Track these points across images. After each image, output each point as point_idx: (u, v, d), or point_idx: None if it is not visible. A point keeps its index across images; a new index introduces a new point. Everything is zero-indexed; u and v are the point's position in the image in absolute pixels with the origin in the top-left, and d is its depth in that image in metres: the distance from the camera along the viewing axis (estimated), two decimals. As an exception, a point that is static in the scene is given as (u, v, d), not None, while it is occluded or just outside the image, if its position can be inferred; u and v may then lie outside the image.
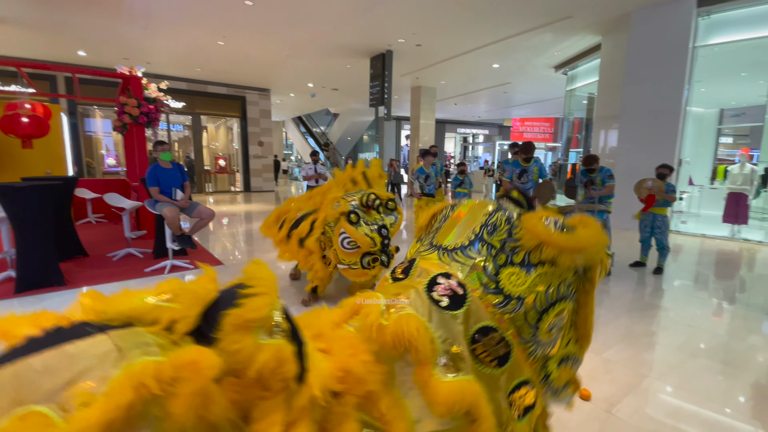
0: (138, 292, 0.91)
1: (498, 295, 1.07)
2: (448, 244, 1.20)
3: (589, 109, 10.00)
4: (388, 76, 9.11)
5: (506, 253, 1.12)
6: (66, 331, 0.75)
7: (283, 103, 17.30)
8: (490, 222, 1.17)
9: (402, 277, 1.17)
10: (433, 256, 1.20)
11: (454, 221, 1.27)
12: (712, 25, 6.24)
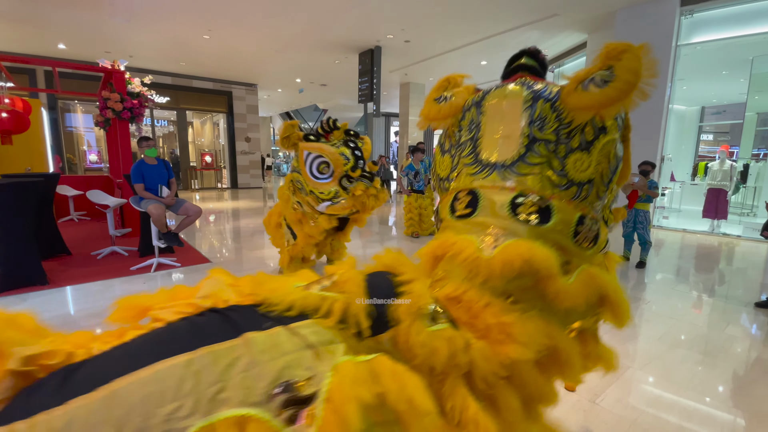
0: (286, 278, 0.90)
1: (571, 187, 1.03)
2: (502, 159, 1.07)
3: (576, 106, 10.14)
4: (376, 72, 9.08)
5: (563, 142, 1.03)
6: (238, 319, 0.72)
7: (271, 98, 17.10)
8: (535, 117, 1.05)
9: (470, 212, 1.06)
10: (493, 177, 1.07)
11: (491, 127, 1.11)
12: (694, 24, 6.38)
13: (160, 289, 0.88)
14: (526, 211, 1.00)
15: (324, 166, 2.56)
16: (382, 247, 5.50)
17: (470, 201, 1.07)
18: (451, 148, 1.24)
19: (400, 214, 8.64)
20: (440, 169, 1.27)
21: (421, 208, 6.16)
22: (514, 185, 1.04)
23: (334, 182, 2.61)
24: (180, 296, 0.82)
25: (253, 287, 0.82)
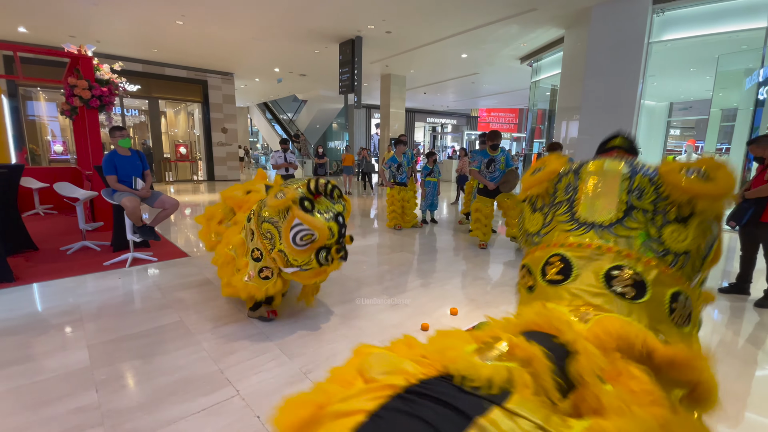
0: (456, 340, 0.76)
1: (668, 255, 1.07)
2: (600, 220, 1.13)
3: (552, 100, 10.35)
4: (357, 62, 8.98)
5: (660, 213, 1.11)
6: (452, 400, 0.60)
7: (248, 88, 16.67)
8: (634, 187, 1.14)
9: (562, 278, 1.07)
10: (590, 234, 1.12)
11: (588, 191, 1.19)
12: (665, 21, 6.60)
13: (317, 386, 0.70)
14: (621, 284, 1.01)
15: (309, 237, 2.40)
16: (364, 240, 5.51)
17: (562, 268, 1.08)
18: (543, 207, 1.31)
19: (382, 206, 8.66)
20: (530, 225, 1.34)
21: (404, 200, 6.18)
22: (611, 245, 1.08)
23: (310, 252, 2.45)
24: (342, 380, 0.67)
25: (421, 352, 0.71)
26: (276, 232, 2.47)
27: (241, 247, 2.77)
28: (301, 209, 2.39)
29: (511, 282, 3.86)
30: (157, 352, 2.39)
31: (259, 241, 2.56)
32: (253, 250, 2.60)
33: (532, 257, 1.24)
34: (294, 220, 2.38)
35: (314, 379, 2.14)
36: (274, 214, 2.47)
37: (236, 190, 3.18)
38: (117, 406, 1.89)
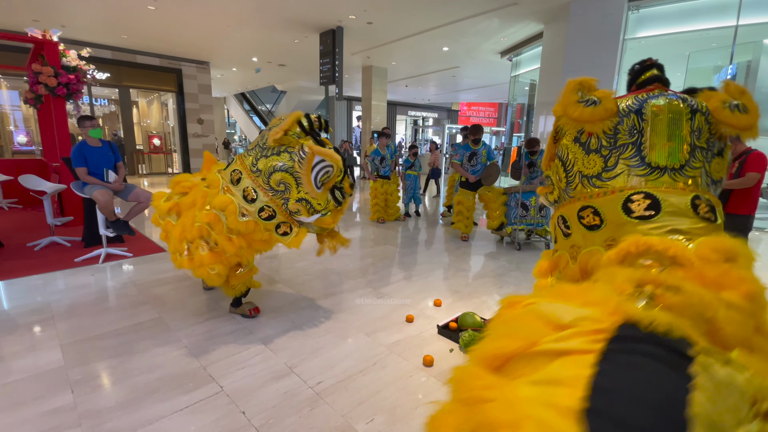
0: (608, 289, 0.79)
1: (712, 185, 1.29)
2: (671, 163, 1.25)
3: (531, 95, 10.52)
4: (339, 53, 8.85)
5: (710, 149, 1.27)
6: (659, 346, 0.62)
7: (225, 77, 16.20)
8: (695, 127, 1.26)
9: (653, 213, 1.18)
10: (665, 178, 1.24)
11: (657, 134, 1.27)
12: (640, 19, 6.78)
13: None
14: (703, 211, 1.18)
15: (326, 175, 2.29)
16: (347, 233, 5.48)
17: (650, 204, 1.19)
18: (602, 148, 1.32)
19: (364, 199, 8.63)
20: (586, 167, 1.35)
21: (387, 193, 6.18)
22: (685, 186, 1.23)
23: (326, 192, 2.36)
24: (525, 324, 0.70)
25: (582, 301, 0.75)
26: (292, 180, 2.25)
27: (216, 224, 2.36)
28: (315, 143, 2.25)
29: (491, 273, 3.94)
30: (135, 350, 2.32)
31: (267, 198, 2.29)
32: (261, 210, 2.31)
33: (602, 199, 1.28)
34: (314, 158, 2.22)
35: (300, 374, 2.13)
36: (286, 159, 2.24)
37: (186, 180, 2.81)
38: (94, 406, 1.83)
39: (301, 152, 2.23)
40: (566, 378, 0.62)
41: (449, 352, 2.39)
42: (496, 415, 0.60)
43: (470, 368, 0.73)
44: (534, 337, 0.70)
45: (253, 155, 2.37)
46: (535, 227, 4.85)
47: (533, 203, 4.75)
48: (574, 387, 0.60)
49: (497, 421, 0.59)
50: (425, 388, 2.04)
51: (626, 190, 1.25)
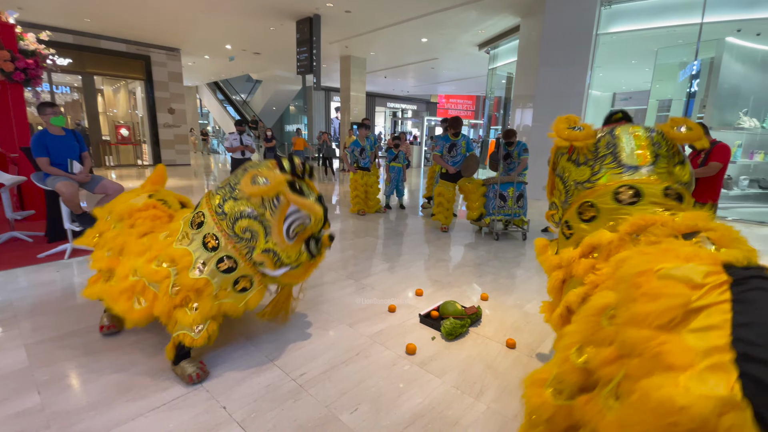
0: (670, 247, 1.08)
1: (683, 186, 1.70)
2: (643, 163, 1.68)
3: (508, 88, 10.67)
4: (316, 42, 8.68)
5: (671, 158, 1.71)
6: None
7: (197, 65, 15.62)
8: (654, 141, 1.72)
9: (638, 199, 1.57)
10: (639, 173, 1.65)
11: (628, 146, 1.73)
12: (612, 14, 6.97)
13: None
14: (672, 196, 1.57)
15: (301, 226, 2.01)
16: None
17: (634, 193, 1.58)
18: (587, 161, 1.79)
19: (344, 191, 8.57)
20: (578, 176, 1.81)
21: (367, 185, 6.14)
22: (656, 178, 1.63)
23: (299, 244, 2.06)
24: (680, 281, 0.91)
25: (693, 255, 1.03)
26: (260, 228, 1.96)
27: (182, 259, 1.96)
28: (294, 191, 1.96)
29: (471, 263, 4.00)
30: (106, 349, 2.23)
31: (230, 246, 1.96)
32: (220, 260, 1.95)
33: (595, 194, 1.69)
34: (289, 207, 1.95)
35: (282, 366, 2.10)
36: (257, 206, 1.95)
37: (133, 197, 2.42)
38: (64, 407, 1.75)
39: (274, 200, 1.93)
40: (715, 323, 0.81)
41: (431, 340, 2.42)
42: (675, 360, 0.78)
43: (641, 332, 0.87)
44: (682, 299, 0.88)
45: (221, 195, 2.03)
46: (513, 217, 4.95)
47: (511, 194, 4.84)
48: (722, 329, 0.79)
49: (677, 365, 0.77)
50: (408, 376, 2.06)
51: (613, 184, 1.64)
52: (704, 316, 0.83)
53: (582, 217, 1.70)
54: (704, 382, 0.72)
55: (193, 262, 1.94)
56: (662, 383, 0.75)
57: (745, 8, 6.03)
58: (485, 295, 3.10)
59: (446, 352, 2.31)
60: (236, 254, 1.97)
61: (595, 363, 0.97)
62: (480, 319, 2.72)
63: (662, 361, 0.79)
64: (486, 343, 2.42)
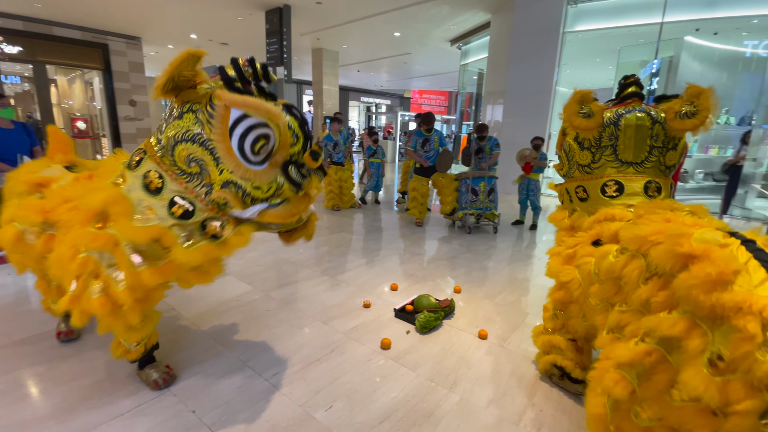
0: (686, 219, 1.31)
1: (666, 170, 1.86)
2: (635, 160, 1.82)
3: (480, 84, 10.83)
4: (286, 33, 8.47)
5: (666, 146, 1.81)
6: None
7: (160, 55, 14.92)
8: (654, 134, 1.79)
9: (619, 194, 1.80)
10: (630, 170, 1.83)
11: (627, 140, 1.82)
12: (578, 13, 7.18)
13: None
14: (651, 190, 1.78)
15: (263, 141, 1.46)
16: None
17: (617, 188, 1.81)
18: (591, 146, 1.90)
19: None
20: (580, 158, 1.93)
21: (342, 180, 6.08)
22: (641, 174, 1.80)
23: (273, 170, 1.55)
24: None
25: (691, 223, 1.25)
26: (207, 154, 1.46)
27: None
28: (230, 90, 1.45)
29: (445, 256, 4.05)
30: (65, 355, 2.11)
31: (178, 185, 1.52)
32: (172, 203, 1.52)
33: (589, 182, 1.91)
34: (231, 115, 1.41)
35: (254, 367, 2.06)
36: (191, 122, 1.45)
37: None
38: (20, 417, 1.64)
39: (208, 107, 1.43)
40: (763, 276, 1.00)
41: (406, 334, 2.44)
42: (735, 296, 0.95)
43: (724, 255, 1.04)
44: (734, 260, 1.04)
45: (159, 127, 1.60)
46: (484, 211, 5.05)
47: (482, 188, 4.93)
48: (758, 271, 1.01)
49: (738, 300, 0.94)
50: (384, 371, 2.07)
51: (604, 177, 1.85)
52: (751, 271, 1.02)
53: (578, 196, 1.96)
54: None
55: (132, 207, 1.50)
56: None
57: (703, 8, 6.32)
58: (458, 288, 3.16)
59: (421, 345, 2.34)
60: (189, 195, 1.52)
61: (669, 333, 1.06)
62: (453, 312, 2.76)
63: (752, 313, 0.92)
64: (459, 335, 2.47)
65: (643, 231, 1.26)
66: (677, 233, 1.15)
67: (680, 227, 1.19)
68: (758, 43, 6.97)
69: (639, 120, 1.78)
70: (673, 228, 1.20)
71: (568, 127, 1.94)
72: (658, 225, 1.26)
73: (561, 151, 2.08)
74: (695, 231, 1.14)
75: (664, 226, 1.24)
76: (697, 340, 1.00)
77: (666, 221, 1.30)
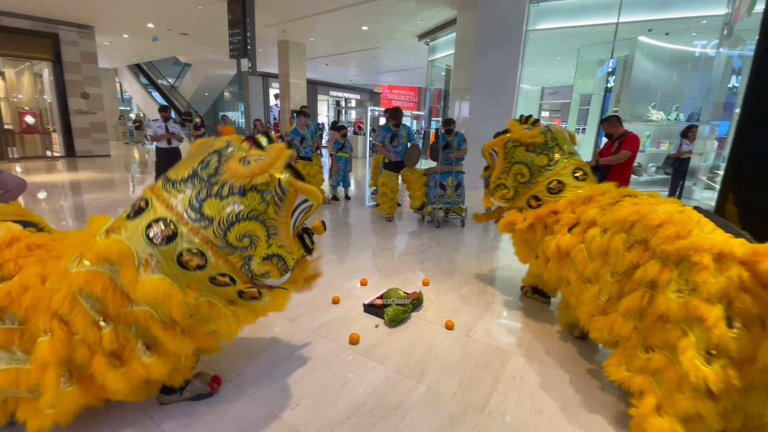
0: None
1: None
2: (572, 150, 2.64)
3: (447, 80, 10.94)
4: (250, 24, 8.20)
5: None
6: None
7: (115, 45, 14.09)
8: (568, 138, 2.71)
9: (585, 177, 2.50)
10: (575, 157, 2.60)
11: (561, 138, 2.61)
12: (540, 12, 7.38)
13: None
14: (580, 174, 2.50)
15: (305, 217, 1.65)
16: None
17: (583, 173, 2.51)
18: (543, 150, 2.56)
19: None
20: (539, 161, 2.55)
21: (309, 176, 5.97)
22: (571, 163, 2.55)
23: (296, 239, 1.68)
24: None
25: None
26: (264, 230, 1.47)
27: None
28: (296, 177, 1.56)
29: (415, 250, 4.08)
30: None
31: (221, 261, 1.43)
32: (213, 279, 1.45)
33: (560, 174, 2.49)
34: (297, 198, 1.54)
35: (217, 370, 1.99)
36: (257, 202, 1.43)
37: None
38: (-50, 437, 1.51)
39: (278, 190, 1.47)
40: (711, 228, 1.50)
41: (375, 328, 2.44)
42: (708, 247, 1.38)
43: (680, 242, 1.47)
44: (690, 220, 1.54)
45: (191, 190, 1.42)
46: (452, 205, 5.12)
47: (450, 183, 5.00)
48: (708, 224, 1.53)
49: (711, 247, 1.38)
50: (352, 366, 2.06)
51: (571, 166, 2.51)
52: (702, 225, 1.50)
53: (551, 191, 2.45)
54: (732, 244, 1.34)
55: (135, 258, 1.35)
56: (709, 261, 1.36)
57: (656, 9, 6.65)
58: (426, 281, 3.19)
59: (389, 338, 2.35)
60: (229, 269, 1.46)
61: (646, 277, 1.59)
62: (422, 304, 2.79)
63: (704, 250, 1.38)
64: (427, 327, 2.49)
65: (620, 215, 1.74)
66: (647, 211, 1.62)
67: (648, 207, 1.66)
68: (707, 43, 7.44)
69: (554, 126, 2.68)
70: (643, 208, 1.65)
71: (513, 142, 2.63)
72: (630, 208, 1.74)
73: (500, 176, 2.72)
74: (658, 207, 1.63)
75: (635, 208, 1.71)
76: (666, 275, 1.50)
77: (634, 205, 1.76)
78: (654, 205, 1.64)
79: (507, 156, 2.64)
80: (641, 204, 1.73)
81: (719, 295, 1.29)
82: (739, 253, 1.28)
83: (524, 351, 2.27)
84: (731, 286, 1.27)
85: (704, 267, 1.32)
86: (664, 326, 1.47)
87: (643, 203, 1.74)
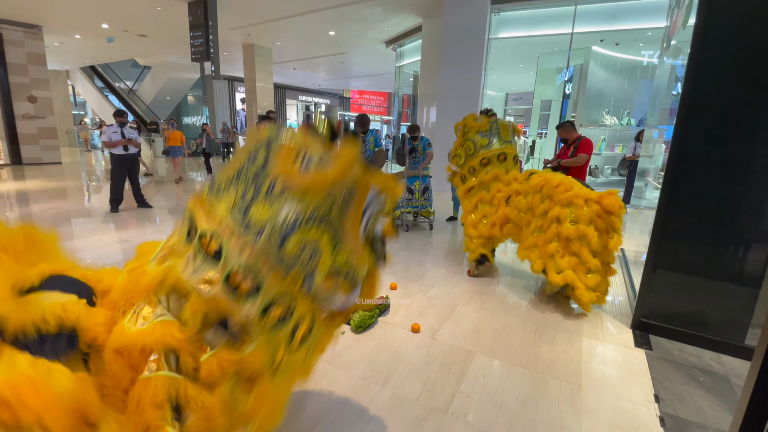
0: None
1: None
2: (507, 139, 3.58)
3: (415, 86, 11.10)
4: (212, 27, 8.00)
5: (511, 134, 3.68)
6: None
7: (66, 46, 13.32)
8: (508, 126, 3.65)
9: (505, 159, 3.54)
10: (507, 145, 3.59)
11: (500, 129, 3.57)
12: (501, 21, 7.64)
13: None
14: (517, 158, 3.62)
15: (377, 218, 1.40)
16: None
17: (504, 156, 3.49)
18: (486, 135, 3.50)
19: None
20: (482, 142, 3.50)
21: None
22: (512, 148, 3.56)
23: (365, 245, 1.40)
24: None
25: None
26: (328, 238, 1.17)
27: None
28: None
29: (382, 255, 4.08)
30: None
31: (277, 282, 1.12)
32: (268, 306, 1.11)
33: (489, 154, 3.47)
34: (368, 193, 1.25)
35: (173, 383, 1.90)
36: (318, 203, 1.13)
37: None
38: None
39: (349, 189, 1.21)
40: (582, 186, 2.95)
41: (341, 335, 2.41)
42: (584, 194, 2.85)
43: (565, 195, 2.88)
44: (573, 188, 2.92)
45: (233, 194, 1.15)
46: (420, 209, 5.18)
47: (417, 187, 5.05)
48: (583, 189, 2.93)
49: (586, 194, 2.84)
50: (316, 375, 2.02)
51: (497, 150, 3.47)
52: (576, 185, 2.87)
53: (482, 165, 3.50)
54: (591, 193, 2.85)
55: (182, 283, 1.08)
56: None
57: (606, 21, 7.06)
58: (394, 285, 3.20)
59: (355, 344, 2.33)
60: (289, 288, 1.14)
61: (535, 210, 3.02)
62: (388, 309, 2.79)
63: (580, 197, 2.78)
64: (393, 331, 2.49)
65: (534, 183, 3.05)
66: (549, 178, 2.96)
67: (549, 176, 2.99)
68: (653, 53, 7.96)
69: (500, 120, 3.56)
70: (546, 177, 3.00)
71: (471, 128, 3.58)
72: (538, 179, 3.04)
73: (457, 150, 3.69)
74: (555, 176, 3.00)
75: (541, 178, 3.03)
76: (564, 213, 2.77)
77: (540, 176, 3.05)
78: (552, 178, 2.95)
79: (464, 135, 3.65)
80: (543, 175, 3.05)
81: (589, 220, 2.69)
82: (594, 197, 2.72)
83: (487, 350, 2.31)
84: (593, 214, 2.68)
85: (580, 206, 2.72)
86: (568, 243, 2.74)
87: (544, 175, 3.05)
